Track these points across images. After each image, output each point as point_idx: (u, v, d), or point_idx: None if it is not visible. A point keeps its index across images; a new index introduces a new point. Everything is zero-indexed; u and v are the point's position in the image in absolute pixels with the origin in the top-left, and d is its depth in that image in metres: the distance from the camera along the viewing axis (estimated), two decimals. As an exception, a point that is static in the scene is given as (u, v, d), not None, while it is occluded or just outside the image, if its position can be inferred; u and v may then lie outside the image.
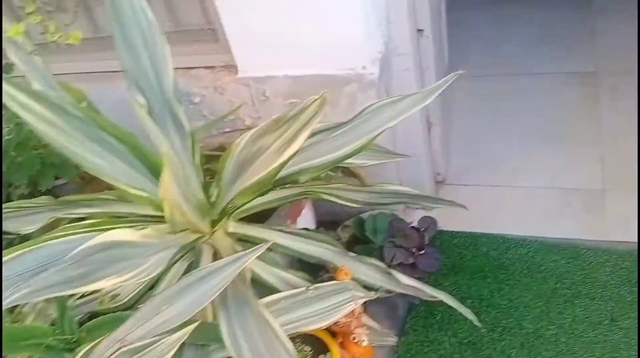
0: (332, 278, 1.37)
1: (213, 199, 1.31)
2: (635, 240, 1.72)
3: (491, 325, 1.65)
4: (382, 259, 1.55)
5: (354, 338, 1.38)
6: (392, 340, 1.66)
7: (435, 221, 1.65)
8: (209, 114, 1.80)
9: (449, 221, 1.93)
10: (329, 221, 2.01)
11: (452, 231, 1.92)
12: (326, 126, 1.17)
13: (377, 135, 1.13)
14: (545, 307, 1.65)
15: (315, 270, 1.46)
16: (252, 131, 1.02)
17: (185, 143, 1.12)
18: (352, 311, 1.30)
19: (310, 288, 1.26)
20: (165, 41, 1.03)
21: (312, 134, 1.18)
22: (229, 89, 1.70)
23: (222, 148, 1.85)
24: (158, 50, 1.02)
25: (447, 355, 1.62)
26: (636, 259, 1.68)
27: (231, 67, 1.68)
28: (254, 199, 1.20)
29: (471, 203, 1.96)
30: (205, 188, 1.27)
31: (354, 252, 1.73)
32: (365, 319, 1.52)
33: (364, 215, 1.85)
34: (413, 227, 1.61)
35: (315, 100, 0.95)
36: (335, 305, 1.24)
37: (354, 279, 1.38)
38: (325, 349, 1.45)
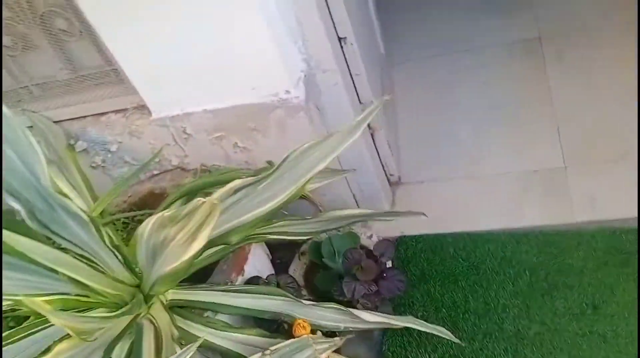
0: (288, 326, 1.25)
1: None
2: (605, 217, 1.62)
3: (471, 333, 1.56)
4: (343, 292, 1.43)
5: (324, 394, 1.25)
6: (371, 368, 1.57)
7: (391, 244, 1.53)
8: (131, 159, 1.64)
9: (410, 225, 1.81)
10: (286, 244, 1.88)
11: (415, 236, 1.80)
12: (249, 180, 1.03)
13: (307, 181, 1.00)
14: (524, 305, 1.56)
15: (273, 322, 1.34)
16: (153, 219, 0.86)
17: (88, 231, 0.96)
18: (318, 366, 1.19)
19: (267, 352, 1.14)
20: (28, 131, 0.86)
21: (236, 191, 1.04)
22: (145, 132, 1.53)
23: (151, 194, 1.70)
24: (22, 141, 0.85)
25: (430, 375, 1.52)
26: (608, 237, 1.59)
27: (144, 108, 1.51)
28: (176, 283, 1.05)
29: (429, 201, 1.86)
30: (129, 265, 1.12)
31: (315, 283, 1.62)
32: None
33: (321, 237, 1.73)
34: (370, 252, 1.48)
35: (203, 203, 0.82)
36: (297, 367, 1.13)
37: (315, 326, 1.26)
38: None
